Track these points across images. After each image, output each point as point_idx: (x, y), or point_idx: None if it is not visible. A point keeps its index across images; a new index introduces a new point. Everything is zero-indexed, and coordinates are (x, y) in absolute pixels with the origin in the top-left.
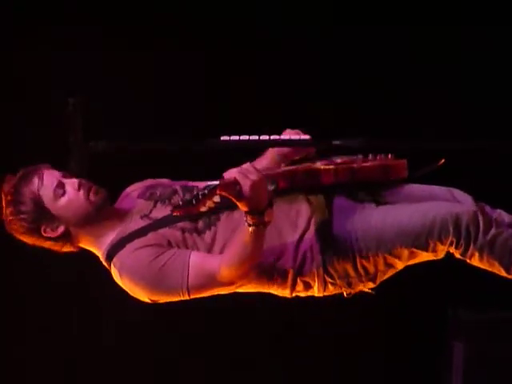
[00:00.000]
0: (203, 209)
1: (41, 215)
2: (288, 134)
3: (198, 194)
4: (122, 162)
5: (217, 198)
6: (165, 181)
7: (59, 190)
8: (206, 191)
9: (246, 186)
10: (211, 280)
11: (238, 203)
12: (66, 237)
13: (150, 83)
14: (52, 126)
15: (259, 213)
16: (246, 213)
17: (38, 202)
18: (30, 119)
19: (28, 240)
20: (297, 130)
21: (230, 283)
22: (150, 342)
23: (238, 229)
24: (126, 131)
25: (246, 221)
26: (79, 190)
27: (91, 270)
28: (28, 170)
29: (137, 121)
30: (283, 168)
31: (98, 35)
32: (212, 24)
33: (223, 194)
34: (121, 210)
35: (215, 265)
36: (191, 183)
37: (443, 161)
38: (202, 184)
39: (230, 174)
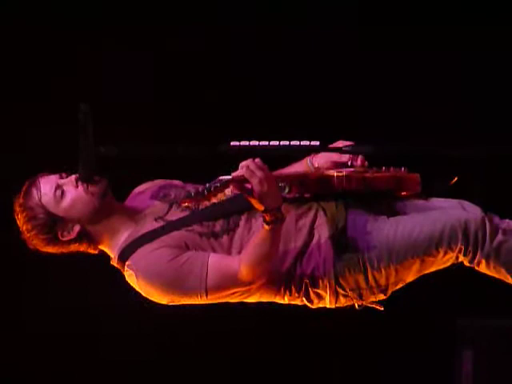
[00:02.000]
0: (214, 200)
1: (52, 222)
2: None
3: (210, 186)
4: (131, 166)
5: (228, 192)
6: (177, 182)
7: (58, 192)
8: (218, 184)
9: (254, 182)
10: (230, 279)
11: (251, 201)
12: (86, 236)
13: (162, 89)
14: (62, 130)
15: (274, 210)
16: (262, 211)
17: (44, 211)
18: (38, 123)
19: (53, 250)
20: (350, 142)
21: (250, 282)
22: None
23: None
24: (137, 137)
25: (263, 219)
26: (77, 185)
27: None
28: (26, 184)
29: (148, 126)
30: (294, 173)
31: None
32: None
33: (236, 190)
34: (133, 208)
35: (234, 264)
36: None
37: (456, 179)
38: None
39: (239, 171)
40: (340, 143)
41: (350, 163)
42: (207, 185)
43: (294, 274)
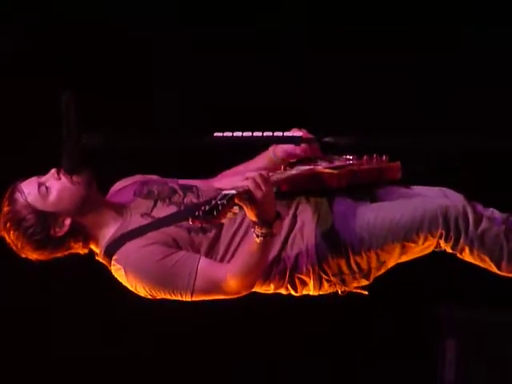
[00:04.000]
0: (223, 220)
1: (44, 220)
2: (292, 133)
3: (216, 204)
4: (114, 156)
5: (236, 209)
6: (155, 177)
7: (42, 188)
8: (224, 201)
9: (258, 195)
10: (216, 288)
11: (248, 212)
12: (78, 229)
13: (146, 78)
14: (44, 121)
15: (268, 224)
16: (254, 223)
17: (33, 210)
18: (20, 115)
19: (46, 254)
20: (303, 130)
21: (236, 293)
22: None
23: (245, 239)
24: (119, 126)
25: (254, 231)
26: (60, 177)
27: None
28: (6, 195)
29: (130, 116)
30: (287, 173)
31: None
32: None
33: (238, 203)
34: (118, 204)
35: (222, 273)
36: (184, 181)
37: (434, 163)
38: (195, 182)
39: (243, 182)
40: (295, 131)
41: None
42: (213, 202)
43: (278, 260)
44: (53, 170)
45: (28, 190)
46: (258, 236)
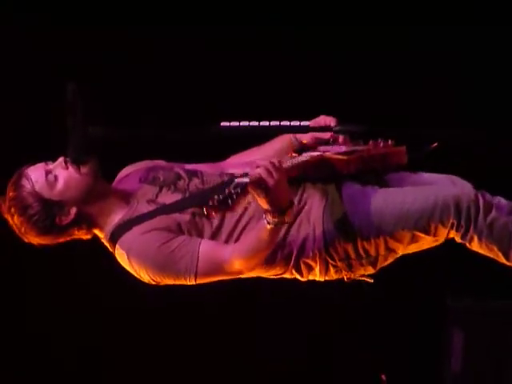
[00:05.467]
0: (239, 209)
1: (49, 208)
2: (320, 121)
3: (230, 193)
4: (120, 146)
5: (250, 198)
6: (161, 162)
7: (50, 176)
8: (238, 190)
9: (270, 183)
10: (219, 268)
11: (260, 200)
12: (83, 217)
13: (149, 68)
14: (50, 112)
15: (280, 212)
16: (267, 211)
17: (39, 198)
18: (27, 105)
19: (50, 239)
20: (331, 117)
21: (239, 273)
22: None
23: (249, 226)
24: (125, 117)
25: (266, 218)
26: (67, 167)
27: None
28: (12, 180)
29: (136, 106)
30: (297, 160)
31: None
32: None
33: (253, 190)
34: (124, 191)
35: (225, 255)
36: (190, 166)
37: (436, 144)
38: (202, 167)
39: (256, 171)
40: (322, 118)
41: (332, 140)
42: (226, 191)
43: (284, 244)
44: (60, 159)
45: (36, 178)
46: (269, 223)
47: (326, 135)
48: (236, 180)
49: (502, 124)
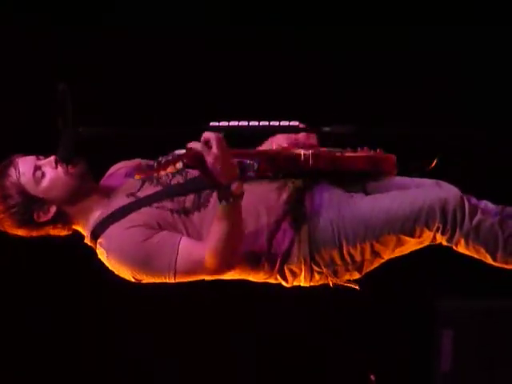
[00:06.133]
0: (163, 173)
1: (30, 203)
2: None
3: (161, 159)
4: (110, 147)
5: (179, 165)
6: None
7: (38, 172)
8: (170, 157)
9: (209, 157)
10: (198, 267)
11: (204, 176)
12: (61, 216)
13: (139, 69)
14: (40, 112)
15: (226, 186)
16: (214, 187)
17: (22, 191)
18: (17, 105)
19: (25, 232)
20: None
21: (216, 270)
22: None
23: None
24: (115, 117)
25: (218, 197)
26: (57, 166)
27: None
28: (2, 164)
29: (126, 107)
30: (263, 150)
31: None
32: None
33: (189, 163)
34: (108, 187)
35: (202, 251)
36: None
37: (435, 162)
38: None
39: (196, 144)
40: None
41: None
42: (160, 158)
43: (268, 250)
44: (52, 157)
45: (23, 170)
46: (220, 200)
47: (300, 139)
48: (176, 151)
49: (502, 124)
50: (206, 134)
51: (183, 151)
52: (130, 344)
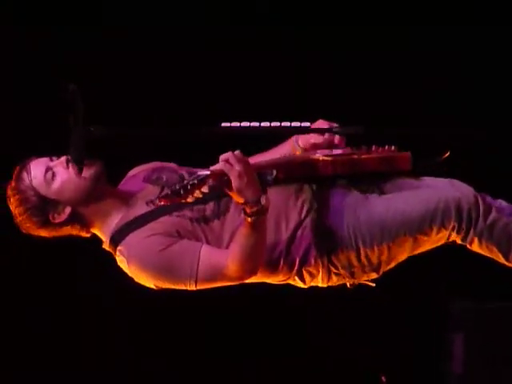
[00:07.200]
0: (190, 199)
1: (44, 205)
2: (318, 125)
3: (187, 183)
4: (122, 147)
5: (205, 189)
6: (172, 165)
7: (49, 174)
8: (195, 181)
9: (233, 176)
10: (220, 274)
11: (230, 194)
12: (77, 218)
13: (149, 68)
14: (52, 112)
15: (254, 202)
16: (242, 204)
17: (36, 194)
18: (29, 106)
19: (46, 233)
20: (330, 122)
21: (239, 278)
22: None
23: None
24: (127, 117)
25: (244, 212)
26: (68, 167)
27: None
28: (18, 168)
29: (137, 107)
30: (280, 158)
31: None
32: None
33: (216, 184)
34: (125, 192)
35: (223, 259)
36: (200, 170)
37: (447, 154)
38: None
39: (217, 166)
40: (320, 123)
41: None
42: (185, 182)
43: (287, 253)
44: (63, 158)
45: (35, 173)
46: (247, 215)
47: (321, 140)
48: (199, 172)
49: (502, 124)
50: (223, 155)
51: (206, 173)
52: (130, 344)
